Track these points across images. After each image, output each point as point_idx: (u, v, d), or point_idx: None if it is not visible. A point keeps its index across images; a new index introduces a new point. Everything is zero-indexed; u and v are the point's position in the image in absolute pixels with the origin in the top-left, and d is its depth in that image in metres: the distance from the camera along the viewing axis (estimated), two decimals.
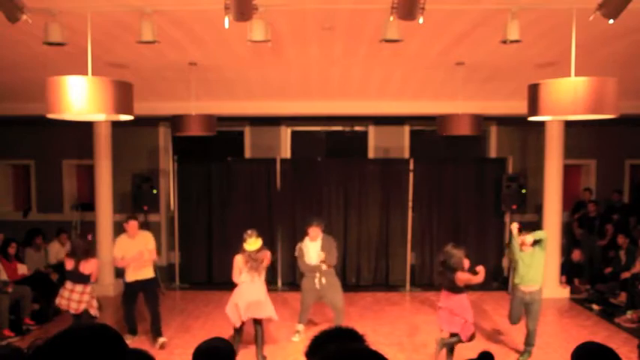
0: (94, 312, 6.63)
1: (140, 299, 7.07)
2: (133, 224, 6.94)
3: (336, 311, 7.14)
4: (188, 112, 7.12)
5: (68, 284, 6.57)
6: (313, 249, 7.05)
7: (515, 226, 6.53)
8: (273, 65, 6.56)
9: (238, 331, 6.43)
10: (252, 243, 6.31)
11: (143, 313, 7.35)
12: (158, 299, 7.16)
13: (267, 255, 6.46)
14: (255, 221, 8.68)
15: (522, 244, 6.31)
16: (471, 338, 6.08)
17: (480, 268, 5.95)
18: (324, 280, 6.99)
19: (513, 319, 6.54)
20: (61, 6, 4.23)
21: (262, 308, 6.35)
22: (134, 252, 6.83)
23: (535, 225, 9.10)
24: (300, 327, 7.27)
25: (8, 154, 11.24)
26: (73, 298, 6.50)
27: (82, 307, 6.52)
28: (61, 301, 6.57)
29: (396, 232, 10.09)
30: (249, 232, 6.40)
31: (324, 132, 11.52)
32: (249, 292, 6.29)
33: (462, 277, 5.89)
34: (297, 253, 7.19)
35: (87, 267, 6.55)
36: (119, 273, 7.22)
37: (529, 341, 6.46)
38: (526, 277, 6.27)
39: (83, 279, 6.55)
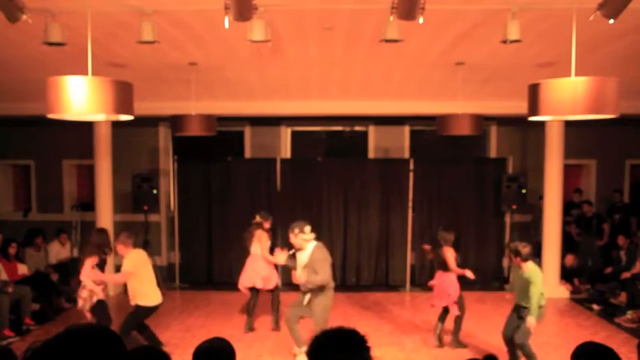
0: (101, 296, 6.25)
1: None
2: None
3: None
4: (188, 112, 7.13)
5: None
6: (301, 259, 6.05)
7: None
8: (273, 65, 6.55)
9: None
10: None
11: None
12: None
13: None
14: None
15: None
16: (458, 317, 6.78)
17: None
18: (307, 298, 6.02)
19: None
20: (61, 6, 4.22)
21: (248, 277, 7.35)
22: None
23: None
24: (296, 350, 6.28)
25: (8, 154, 11.25)
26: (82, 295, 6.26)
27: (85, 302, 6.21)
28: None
29: (396, 232, 10.08)
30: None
31: (324, 132, 11.52)
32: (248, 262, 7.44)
33: (446, 252, 6.73)
34: (290, 252, 6.28)
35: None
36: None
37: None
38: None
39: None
